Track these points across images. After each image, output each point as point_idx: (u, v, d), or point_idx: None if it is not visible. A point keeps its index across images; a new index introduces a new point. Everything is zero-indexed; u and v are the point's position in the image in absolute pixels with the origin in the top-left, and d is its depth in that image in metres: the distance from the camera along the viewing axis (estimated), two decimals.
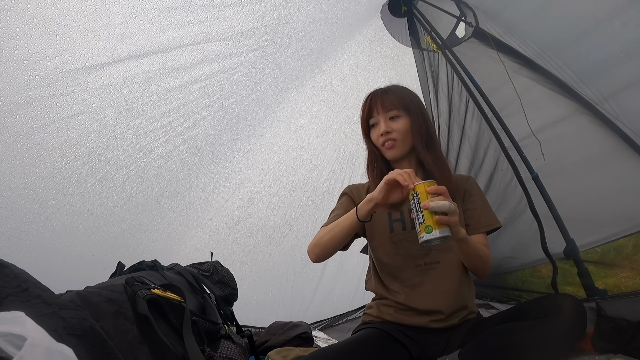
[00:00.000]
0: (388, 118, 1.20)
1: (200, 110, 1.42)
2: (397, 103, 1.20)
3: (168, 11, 1.06)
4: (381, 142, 1.20)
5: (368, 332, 1.15)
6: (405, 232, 1.19)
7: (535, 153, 1.61)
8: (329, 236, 1.12)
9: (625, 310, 1.20)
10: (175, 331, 1.02)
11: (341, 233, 1.10)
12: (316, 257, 1.16)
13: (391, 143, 1.18)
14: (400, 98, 1.21)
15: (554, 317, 0.93)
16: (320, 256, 1.15)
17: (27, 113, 0.97)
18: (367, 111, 1.23)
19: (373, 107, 1.21)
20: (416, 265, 1.18)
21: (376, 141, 1.22)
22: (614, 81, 1.37)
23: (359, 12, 1.76)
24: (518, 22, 1.58)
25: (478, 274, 1.19)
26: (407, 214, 1.20)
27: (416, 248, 1.18)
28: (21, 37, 0.86)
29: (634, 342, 1.09)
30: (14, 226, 1.15)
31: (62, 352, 0.57)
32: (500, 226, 1.23)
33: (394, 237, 1.20)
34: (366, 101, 1.25)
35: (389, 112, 1.19)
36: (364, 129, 1.26)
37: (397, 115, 1.20)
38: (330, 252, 1.14)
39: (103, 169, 1.26)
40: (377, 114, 1.20)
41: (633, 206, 1.45)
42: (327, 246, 1.13)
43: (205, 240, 2.08)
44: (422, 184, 0.95)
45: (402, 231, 1.20)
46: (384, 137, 1.19)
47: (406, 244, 1.19)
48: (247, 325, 2.02)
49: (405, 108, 1.20)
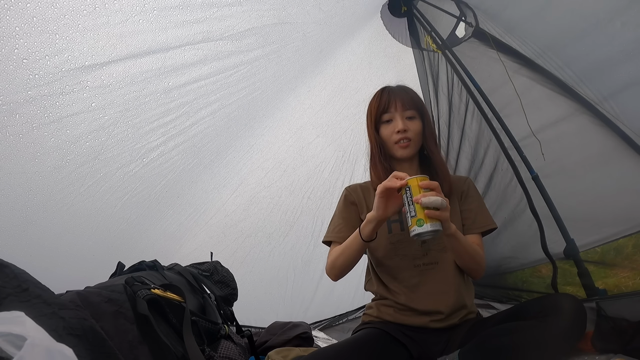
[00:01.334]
0: (405, 117, 1.19)
1: (199, 109, 1.42)
2: (414, 105, 1.21)
3: (167, 10, 1.06)
4: (396, 139, 1.19)
5: (368, 332, 1.15)
6: (404, 233, 1.19)
7: (535, 153, 1.61)
8: (342, 259, 1.17)
9: (625, 310, 1.20)
10: (175, 331, 1.02)
11: (352, 255, 1.15)
12: (336, 277, 1.22)
13: (406, 142, 1.18)
14: (418, 100, 1.24)
15: (554, 316, 0.93)
16: (339, 276, 1.22)
17: (27, 112, 0.96)
18: (383, 105, 1.21)
19: (391, 102, 1.20)
20: (415, 265, 1.18)
21: (388, 137, 1.21)
22: (614, 81, 1.37)
23: (358, 12, 1.76)
24: (518, 22, 1.58)
25: (472, 274, 1.20)
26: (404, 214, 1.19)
27: (415, 248, 1.18)
28: (21, 36, 0.85)
29: (634, 342, 1.09)
30: (14, 226, 1.15)
31: (62, 352, 0.57)
32: (495, 227, 1.24)
33: (393, 237, 1.20)
34: (382, 95, 1.23)
35: (407, 111, 1.20)
36: (373, 123, 1.23)
37: (413, 117, 1.20)
38: (347, 270, 1.20)
39: (102, 169, 1.26)
40: (395, 111, 1.19)
41: (633, 206, 1.45)
42: (342, 267, 1.19)
43: (205, 240, 2.08)
44: (414, 179, 0.96)
45: (400, 232, 1.20)
46: (401, 135, 1.18)
47: (404, 245, 1.19)
48: (247, 325, 2.02)
49: (420, 111, 1.23)
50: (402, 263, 1.19)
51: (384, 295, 1.22)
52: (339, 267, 1.18)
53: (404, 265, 1.18)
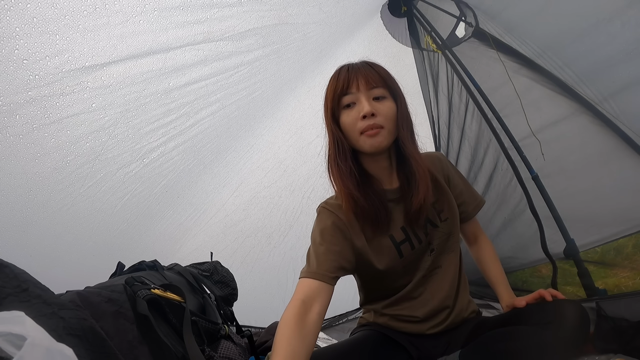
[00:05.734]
0: (371, 98, 0.94)
1: (200, 110, 1.42)
2: (382, 81, 0.95)
3: (168, 11, 1.06)
4: (362, 127, 0.92)
5: (367, 333, 1.13)
6: (415, 251, 1.04)
7: (535, 153, 1.61)
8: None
9: (625, 310, 1.20)
10: (175, 331, 1.02)
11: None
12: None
13: (376, 130, 0.92)
14: (387, 76, 0.97)
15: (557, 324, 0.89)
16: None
17: (27, 113, 0.97)
18: (342, 86, 0.94)
19: (352, 81, 0.94)
20: (423, 276, 1.07)
21: (351, 126, 0.94)
22: (614, 81, 1.37)
23: (359, 12, 1.76)
24: (518, 22, 1.58)
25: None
26: (410, 231, 1.04)
27: (424, 259, 1.07)
28: (21, 37, 0.85)
29: (634, 342, 1.09)
30: (14, 226, 1.15)
31: (62, 352, 0.57)
32: (484, 201, 1.18)
33: (405, 260, 1.04)
34: (340, 73, 0.97)
35: (373, 89, 0.94)
36: (330, 110, 0.98)
37: (382, 96, 0.95)
38: None
39: (103, 169, 1.26)
40: (357, 91, 0.94)
41: (633, 206, 1.45)
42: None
43: (205, 240, 2.08)
44: None
45: (411, 251, 1.04)
46: (368, 121, 0.92)
47: (415, 263, 1.06)
48: (247, 325, 2.02)
49: (391, 89, 0.97)
50: (411, 279, 1.07)
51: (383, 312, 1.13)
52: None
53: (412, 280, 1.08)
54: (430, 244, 1.06)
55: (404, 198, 1.01)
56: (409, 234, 1.03)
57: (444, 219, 1.07)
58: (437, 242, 1.06)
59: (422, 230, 1.04)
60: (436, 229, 1.06)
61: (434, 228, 1.06)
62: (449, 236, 1.08)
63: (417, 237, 1.04)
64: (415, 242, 1.03)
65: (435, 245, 1.06)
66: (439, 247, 1.07)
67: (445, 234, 1.07)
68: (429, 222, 1.05)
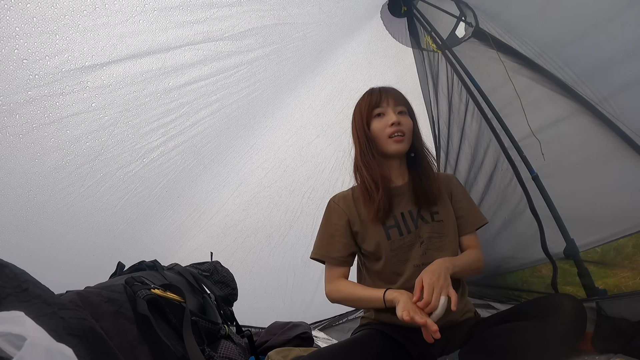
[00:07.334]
0: (397, 112, 1.20)
1: (200, 110, 1.42)
2: (404, 102, 1.24)
3: (167, 11, 1.06)
4: (390, 132, 1.18)
5: (367, 332, 1.15)
6: (403, 237, 1.17)
7: (535, 153, 1.61)
8: (353, 302, 1.22)
9: (625, 310, 1.20)
10: (175, 331, 1.02)
11: (363, 305, 1.22)
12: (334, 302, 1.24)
13: (400, 136, 1.18)
14: (406, 100, 1.26)
15: (554, 317, 0.93)
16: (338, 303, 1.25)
17: (27, 112, 0.96)
18: (375, 100, 1.22)
19: (383, 97, 1.22)
20: (414, 266, 1.16)
21: (381, 131, 1.19)
22: (614, 81, 1.37)
23: (359, 12, 1.76)
24: (518, 22, 1.58)
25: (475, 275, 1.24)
26: (399, 217, 1.19)
27: (415, 250, 1.17)
28: (21, 37, 0.85)
29: (634, 342, 1.09)
30: (14, 226, 1.15)
31: (62, 352, 0.57)
32: (487, 222, 1.27)
33: (393, 244, 1.17)
34: (373, 91, 1.25)
35: (398, 106, 1.21)
36: (366, 118, 1.23)
37: (404, 112, 1.22)
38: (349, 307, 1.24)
39: (103, 169, 1.26)
40: (387, 105, 1.21)
41: (633, 206, 1.45)
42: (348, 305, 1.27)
43: (205, 240, 2.08)
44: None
45: (399, 237, 1.17)
46: (395, 128, 1.17)
47: (405, 249, 1.17)
48: (247, 325, 2.02)
49: (410, 109, 1.25)
50: (402, 267, 1.17)
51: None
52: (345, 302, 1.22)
53: (404, 269, 1.16)
54: (419, 237, 1.18)
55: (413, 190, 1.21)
56: (399, 222, 1.19)
57: (437, 220, 1.20)
58: (427, 236, 1.18)
59: (413, 223, 1.19)
60: (427, 224, 1.19)
61: (424, 223, 1.19)
62: (442, 236, 1.19)
63: (407, 227, 1.19)
64: (404, 230, 1.18)
65: (425, 239, 1.18)
66: (428, 240, 1.17)
67: (436, 232, 1.19)
68: (421, 218, 1.20)
